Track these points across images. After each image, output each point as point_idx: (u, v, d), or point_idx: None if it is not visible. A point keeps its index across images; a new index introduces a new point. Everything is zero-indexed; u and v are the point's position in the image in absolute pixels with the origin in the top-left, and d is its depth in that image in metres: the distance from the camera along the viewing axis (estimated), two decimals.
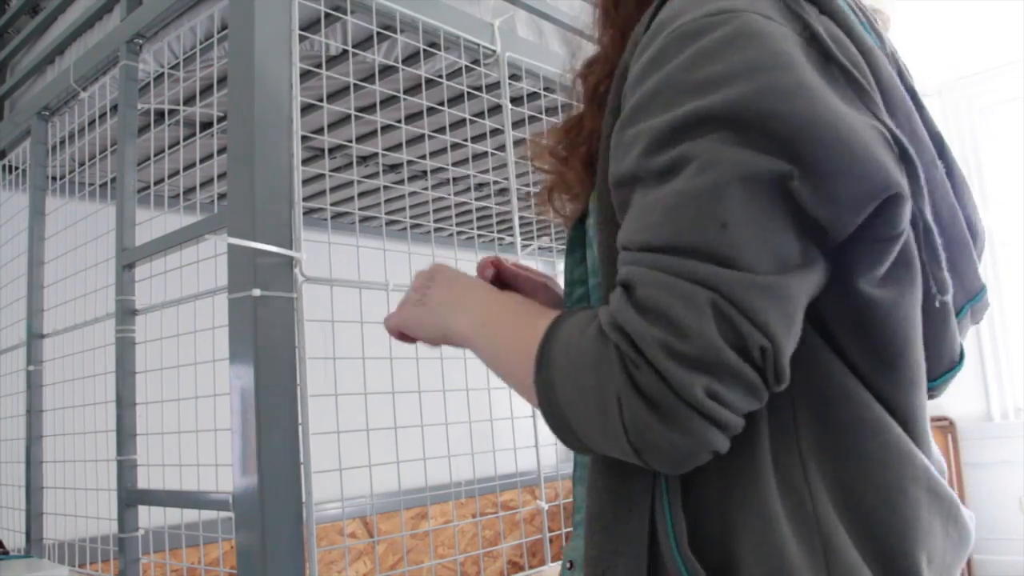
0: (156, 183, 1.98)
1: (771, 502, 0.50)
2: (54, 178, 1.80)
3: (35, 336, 1.71)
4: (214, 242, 1.14)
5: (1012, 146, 3.32)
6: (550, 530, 1.58)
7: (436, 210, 2.42)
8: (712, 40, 0.49)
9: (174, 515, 1.72)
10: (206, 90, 1.44)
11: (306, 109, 1.47)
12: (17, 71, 1.92)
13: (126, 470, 1.34)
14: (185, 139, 1.77)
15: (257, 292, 1.04)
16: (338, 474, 1.24)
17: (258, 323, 1.04)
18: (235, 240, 1.06)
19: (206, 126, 1.69)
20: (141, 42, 1.42)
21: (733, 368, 0.45)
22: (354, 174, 1.98)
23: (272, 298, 1.07)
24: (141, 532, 1.34)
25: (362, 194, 2.25)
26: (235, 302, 1.07)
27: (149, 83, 1.46)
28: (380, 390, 1.29)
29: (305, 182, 2.06)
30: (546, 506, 1.53)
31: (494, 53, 1.50)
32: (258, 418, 1.03)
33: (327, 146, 1.84)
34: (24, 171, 1.85)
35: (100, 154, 1.68)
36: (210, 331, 1.22)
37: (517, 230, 1.57)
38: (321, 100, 1.47)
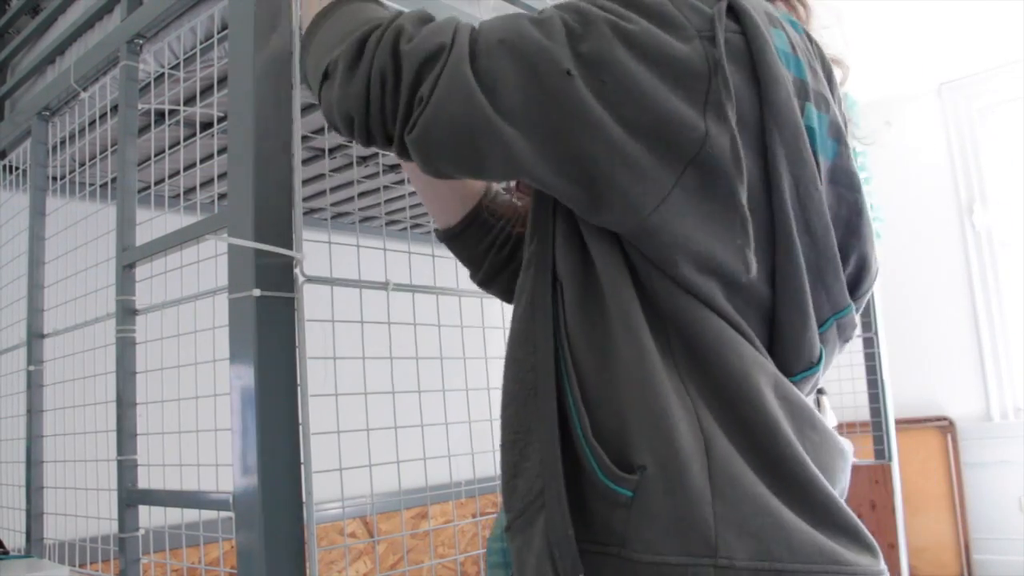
0: (156, 183, 1.98)
1: (659, 402, 0.61)
2: (54, 178, 1.80)
3: (35, 336, 1.71)
4: (214, 242, 1.15)
5: (1012, 146, 3.32)
6: None
7: None
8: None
9: (174, 515, 1.72)
10: (206, 90, 1.44)
11: (306, 109, 1.48)
12: (17, 71, 1.92)
13: (126, 470, 1.34)
14: (185, 139, 1.77)
15: (257, 292, 1.04)
16: (338, 474, 1.24)
17: (258, 323, 1.05)
18: (235, 240, 1.06)
19: (206, 126, 1.69)
20: (141, 42, 1.42)
21: (407, 68, 0.66)
22: (354, 174, 1.98)
23: (272, 298, 1.07)
24: (141, 532, 1.34)
25: (362, 194, 2.25)
26: (235, 302, 1.07)
27: (149, 83, 1.46)
28: (380, 390, 1.30)
29: (305, 182, 2.07)
30: None
31: None
32: (258, 418, 1.03)
33: (327, 146, 1.84)
34: (24, 171, 1.85)
35: (100, 154, 1.68)
36: (210, 331, 1.22)
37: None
38: None
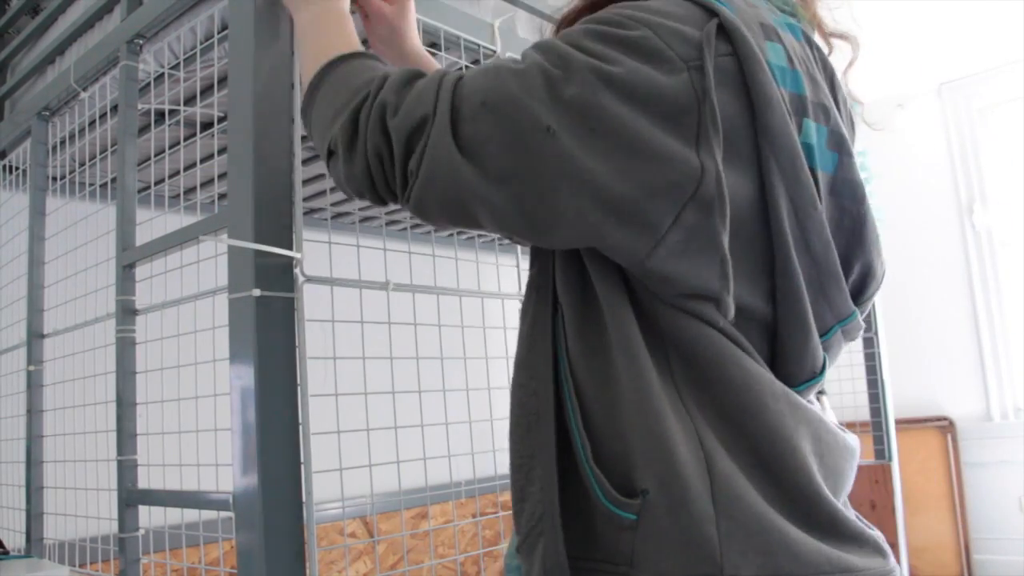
0: (156, 183, 1.98)
1: (659, 424, 0.61)
2: (54, 178, 1.80)
3: (35, 336, 1.71)
4: (214, 242, 1.15)
5: (1012, 146, 3.32)
6: None
7: None
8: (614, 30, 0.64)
9: (174, 515, 1.72)
10: (206, 90, 1.44)
11: None
12: (17, 71, 1.92)
13: (126, 470, 1.34)
14: (185, 139, 1.77)
15: (257, 292, 1.04)
16: (338, 474, 1.24)
17: (258, 323, 1.05)
18: (235, 242, 1.06)
19: (206, 126, 1.69)
20: (141, 42, 1.42)
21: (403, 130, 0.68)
22: None
23: (272, 298, 1.07)
24: (141, 532, 1.34)
25: None
26: (235, 302, 1.07)
27: (149, 83, 1.46)
28: (380, 390, 1.30)
29: (305, 182, 2.07)
30: None
31: (494, 53, 1.50)
32: (258, 418, 1.03)
33: None
34: (24, 171, 1.85)
35: (100, 154, 1.68)
36: (210, 331, 1.22)
37: None
38: None
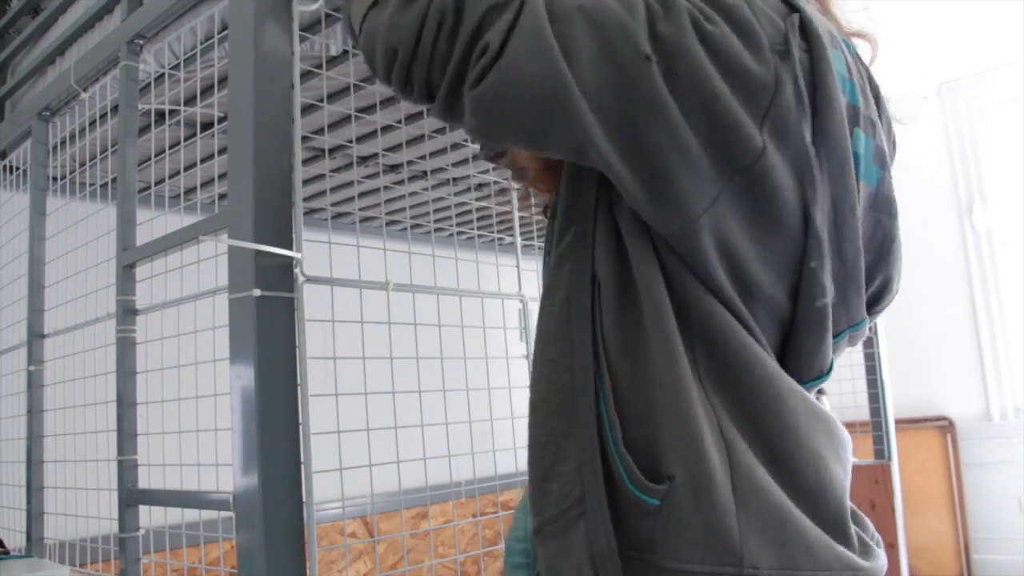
0: (157, 183, 1.98)
1: (689, 410, 0.61)
2: (55, 178, 1.80)
3: (36, 336, 1.71)
4: (214, 242, 1.15)
5: (1012, 146, 3.32)
6: None
7: (436, 210, 2.42)
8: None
9: (175, 515, 1.72)
10: (206, 90, 1.44)
11: (306, 109, 1.48)
12: (18, 72, 1.92)
13: (127, 470, 1.34)
14: (186, 139, 1.77)
15: (257, 292, 1.04)
16: (338, 474, 1.24)
17: (258, 323, 1.05)
18: (235, 242, 1.06)
19: (207, 126, 1.69)
20: (142, 43, 1.43)
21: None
22: (354, 174, 1.98)
23: (272, 298, 1.07)
24: (142, 532, 1.34)
25: (362, 194, 2.25)
26: (235, 302, 1.07)
27: (150, 83, 1.46)
28: (380, 390, 1.30)
29: (305, 182, 2.07)
30: None
31: None
32: (258, 418, 1.03)
33: (327, 146, 1.84)
34: (25, 171, 1.85)
35: (101, 154, 1.68)
36: (211, 331, 1.22)
37: (517, 230, 1.57)
38: (321, 100, 1.48)
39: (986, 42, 3.21)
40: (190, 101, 1.57)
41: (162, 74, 1.45)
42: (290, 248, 1.09)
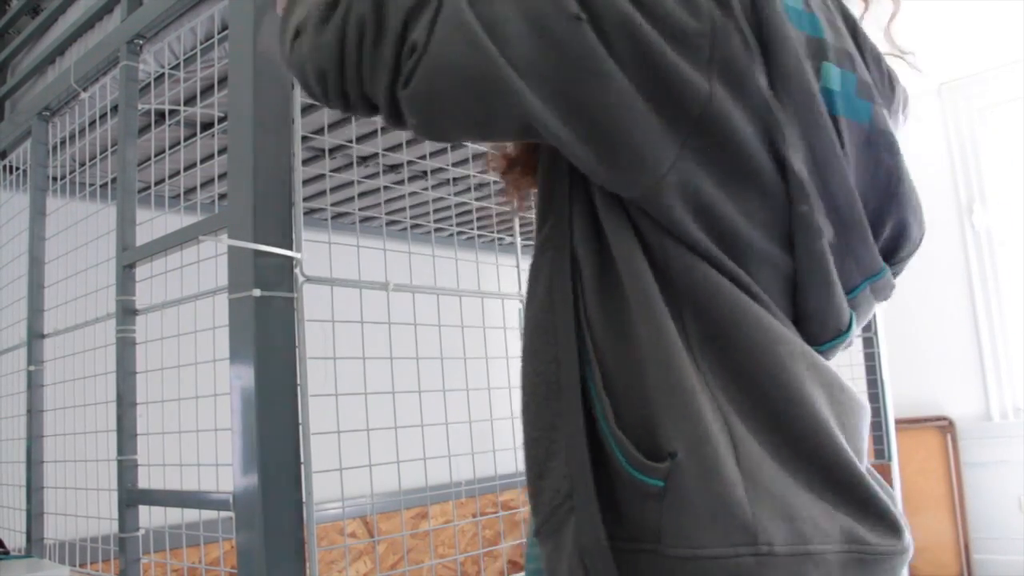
0: (157, 183, 1.98)
1: (684, 383, 0.59)
2: (55, 178, 1.80)
3: (36, 336, 1.71)
4: (214, 242, 1.15)
5: (1012, 146, 3.32)
6: None
7: (436, 210, 2.42)
8: None
9: (174, 515, 1.72)
10: (206, 90, 1.44)
11: (306, 109, 1.48)
12: (18, 72, 1.92)
13: (127, 470, 1.34)
14: (185, 139, 1.77)
15: (257, 292, 1.04)
16: (338, 474, 1.24)
17: (258, 323, 1.05)
18: (235, 241, 1.06)
19: (206, 126, 1.69)
20: (141, 43, 1.43)
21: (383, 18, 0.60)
22: (354, 174, 1.98)
23: (272, 298, 1.07)
24: (142, 532, 1.34)
25: (362, 194, 2.25)
26: (235, 302, 1.07)
27: (149, 83, 1.46)
28: (380, 390, 1.30)
29: (305, 182, 2.07)
30: None
31: None
32: (258, 418, 1.03)
33: (327, 146, 1.84)
34: (25, 171, 1.85)
35: (101, 154, 1.68)
36: (210, 331, 1.22)
37: (517, 230, 1.57)
38: None
39: (986, 42, 3.21)
40: (190, 101, 1.57)
41: (162, 74, 1.45)
42: (290, 248, 1.09)
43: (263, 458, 1.02)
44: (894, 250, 0.70)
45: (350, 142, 1.78)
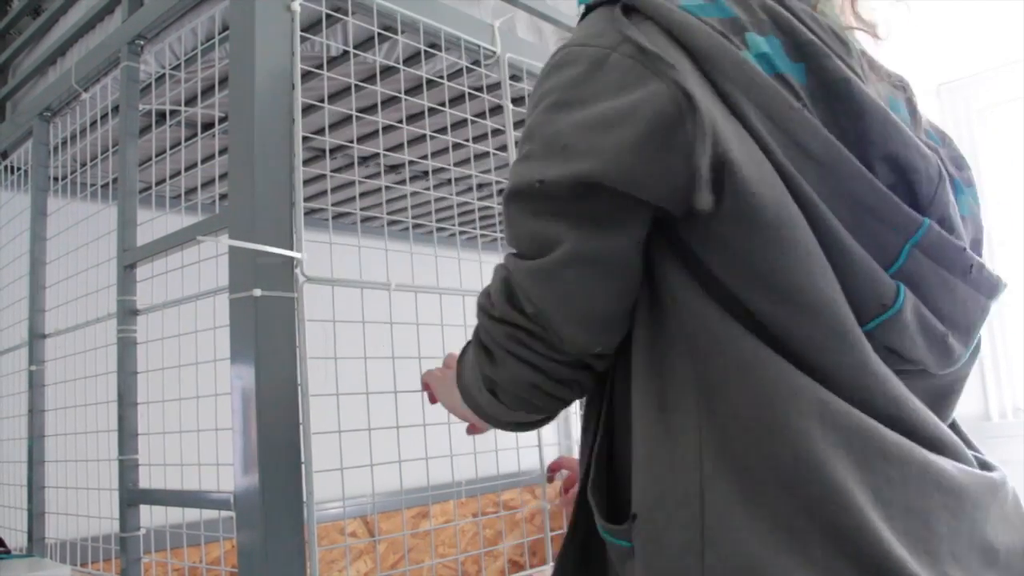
0: (157, 184, 1.98)
1: (646, 445, 0.57)
2: (56, 179, 1.80)
3: (37, 336, 1.71)
4: (215, 242, 1.15)
5: (1011, 146, 3.32)
6: (551, 529, 1.59)
7: (438, 210, 2.42)
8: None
9: (175, 514, 1.72)
10: (207, 91, 1.45)
11: (307, 110, 1.48)
12: (19, 72, 1.92)
13: (127, 469, 1.34)
14: (186, 140, 1.77)
15: (258, 292, 1.04)
16: (339, 473, 1.24)
17: (259, 323, 1.05)
18: (236, 242, 1.06)
19: (207, 127, 1.69)
20: (142, 43, 1.43)
21: (517, 322, 0.62)
22: (355, 174, 1.98)
23: (273, 298, 1.07)
24: (143, 531, 1.34)
25: (363, 194, 2.26)
26: (236, 302, 1.08)
27: (150, 84, 1.46)
28: (382, 390, 1.30)
29: (306, 182, 2.07)
30: (548, 505, 1.54)
31: (494, 54, 1.50)
32: (259, 418, 1.03)
33: (328, 146, 1.85)
34: (26, 172, 1.85)
35: (102, 155, 1.68)
36: (211, 331, 1.22)
37: None
38: (322, 100, 1.48)
39: (986, 42, 3.21)
40: (191, 101, 1.57)
41: (163, 74, 1.45)
42: (291, 248, 1.09)
43: (264, 458, 1.03)
44: (913, 196, 0.60)
45: (351, 142, 1.78)
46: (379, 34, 1.34)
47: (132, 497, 1.33)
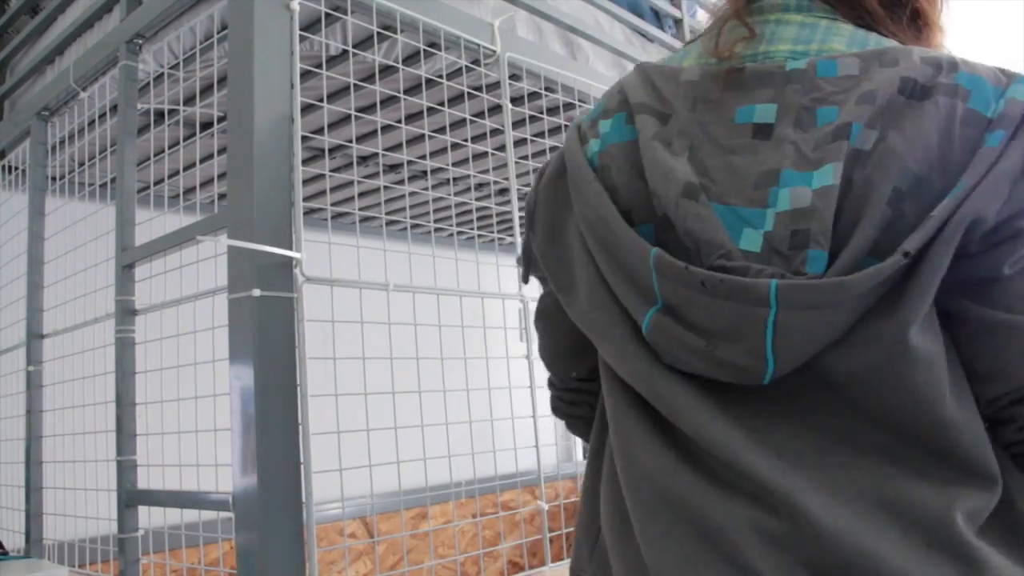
0: (156, 183, 1.97)
1: (594, 495, 0.63)
2: (54, 178, 1.80)
3: (35, 336, 1.71)
4: (214, 242, 1.14)
5: None
6: (550, 530, 1.58)
7: (436, 210, 2.42)
8: None
9: (174, 515, 1.72)
10: (206, 90, 1.44)
11: (306, 109, 1.48)
12: (17, 71, 1.92)
13: (126, 470, 1.34)
14: (185, 139, 1.77)
15: (257, 292, 1.04)
16: (338, 474, 1.24)
17: (258, 323, 1.04)
18: (235, 241, 1.06)
19: (206, 126, 1.69)
20: (141, 42, 1.42)
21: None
22: (354, 174, 1.98)
23: (272, 298, 1.07)
24: (141, 532, 1.34)
25: (362, 194, 2.25)
26: (235, 302, 1.07)
27: (149, 83, 1.46)
28: (380, 390, 1.29)
29: (305, 182, 2.06)
30: (546, 506, 1.53)
31: (494, 53, 1.50)
32: (258, 418, 1.03)
33: (327, 146, 1.84)
34: (24, 171, 1.85)
35: (100, 154, 1.68)
36: (210, 331, 1.22)
37: (517, 230, 1.57)
38: (321, 100, 1.47)
39: (986, 42, 3.21)
40: (189, 101, 1.57)
41: (161, 74, 1.44)
42: (290, 248, 1.09)
43: (263, 458, 1.02)
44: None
45: (350, 142, 1.78)
46: (378, 33, 1.34)
47: (130, 498, 1.33)
